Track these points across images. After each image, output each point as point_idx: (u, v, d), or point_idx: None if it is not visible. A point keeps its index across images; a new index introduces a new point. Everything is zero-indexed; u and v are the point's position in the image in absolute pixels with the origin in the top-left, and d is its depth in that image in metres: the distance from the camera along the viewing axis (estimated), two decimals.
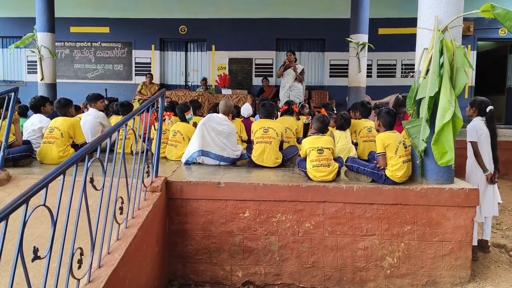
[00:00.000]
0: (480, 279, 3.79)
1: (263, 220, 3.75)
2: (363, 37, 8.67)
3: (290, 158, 4.69)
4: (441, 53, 3.44)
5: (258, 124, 4.75)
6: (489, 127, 4.04)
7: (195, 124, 5.23)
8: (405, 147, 3.76)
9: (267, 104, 4.97)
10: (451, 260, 3.67)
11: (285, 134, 5.00)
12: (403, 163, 3.66)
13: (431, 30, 3.57)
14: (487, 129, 4.05)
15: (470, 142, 4.06)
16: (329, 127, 5.05)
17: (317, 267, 3.77)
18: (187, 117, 5.36)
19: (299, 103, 7.65)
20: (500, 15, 3.20)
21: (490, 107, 4.07)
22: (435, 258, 3.68)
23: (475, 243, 4.04)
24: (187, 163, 4.66)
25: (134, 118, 3.11)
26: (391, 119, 3.89)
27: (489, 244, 4.26)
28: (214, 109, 5.95)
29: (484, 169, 4.01)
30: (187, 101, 7.97)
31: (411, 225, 3.68)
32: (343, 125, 4.89)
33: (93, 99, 5.66)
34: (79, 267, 2.28)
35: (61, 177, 2.09)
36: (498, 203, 4.14)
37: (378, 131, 4.05)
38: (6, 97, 3.85)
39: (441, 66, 3.41)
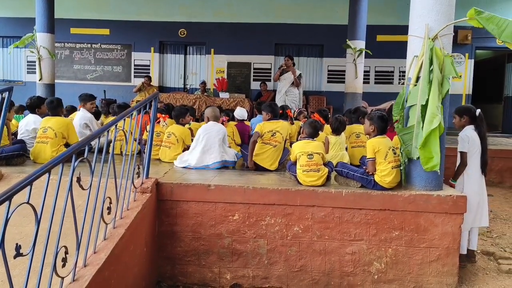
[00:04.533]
0: (467, 286, 3.81)
1: (252, 223, 3.77)
2: (360, 44, 8.74)
3: (281, 162, 4.71)
4: (431, 61, 3.48)
5: (268, 126, 4.73)
6: (478, 130, 4.01)
7: (191, 130, 5.26)
8: (395, 153, 3.78)
9: (273, 104, 5.07)
10: (438, 266, 3.69)
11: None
12: (392, 168, 3.69)
13: (422, 38, 3.61)
14: (479, 139, 4.03)
15: (461, 152, 4.04)
16: (325, 133, 5.11)
17: (305, 271, 3.79)
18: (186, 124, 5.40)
19: (298, 109, 7.66)
20: (483, 19, 3.25)
21: (478, 111, 4.06)
22: (422, 264, 3.70)
23: (464, 251, 4.06)
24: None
25: (124, 119, 3.14)
26: (384, 124, 3.91)
27: (475, 253, 4.24)
28: None
29: (456, 179, 4.06)
30: (184, 104, 8.02)
31: (399, 230, 3.70)
32: (338, 128, 4.89)
33: (83, 99, 5.66)
34: (63, 266, 2.30)
35: (47, 175, 2.12)
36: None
37: (369, 134, 4.06)
38: (0, 97, 3.89)
39: (430, 73, 3.45)
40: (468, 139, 4.01)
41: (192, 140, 4.98)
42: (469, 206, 3.75)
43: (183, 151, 4.97)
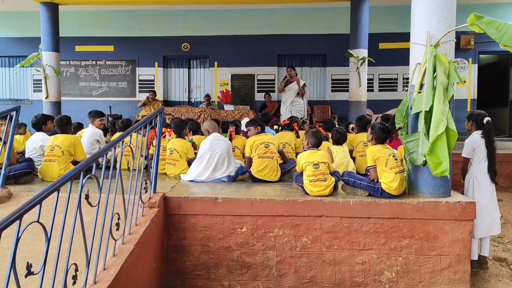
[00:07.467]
0: None
1: (260, 235, 3.76)
2: (363, 52, 8.76)
3: (288, 171, 4.71)
4: (434, 68, 3.49)
5: (259, 139, 4.72)
6: (485, 138, 3.99)
7: (194, 145, 5.27)
8: (396, 159, 3.79)
9: (256, 118, 5.12)
10: (449, 274, 3.65)
11: (284, 149, 5.04)
12: (396, 174, 3.69)
13: (424, 45, 3.62)
14: (485, 146, 4.01)
15: (463, 157, 4.08)
16: (327, 143, 5.11)
17: (315, 282, 3.77)
18: (187, 139, 5.41)
19: (301, 118, 7.69)
20: (483, 24, 3.26)
21: (487, 119, 4.03)
22: (433, 272, 3.67)
23: (475, 257, 4.01)
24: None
25: (131, 135, 3.17)
26: (384, 136, 3.93)
27: (487, 259, 4.20)
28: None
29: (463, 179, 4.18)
30: (190, 118, 8.07)
31: (409, 239, 3.67)
32: (339, 139, 4.92)
33: (93, 116, 5.74)
34: (74, 283, 2.31)
35: (56, 193, 2.13)
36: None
37: (370, 142, 4.09)
38: (8, 116, 3.93)
39: (434, 79, 3.46)
40: (473, 144, 4.01)
41: (195, 153, 4.99)
42: (482, 214, 3.72)
43: (188, 163, 4.97)
